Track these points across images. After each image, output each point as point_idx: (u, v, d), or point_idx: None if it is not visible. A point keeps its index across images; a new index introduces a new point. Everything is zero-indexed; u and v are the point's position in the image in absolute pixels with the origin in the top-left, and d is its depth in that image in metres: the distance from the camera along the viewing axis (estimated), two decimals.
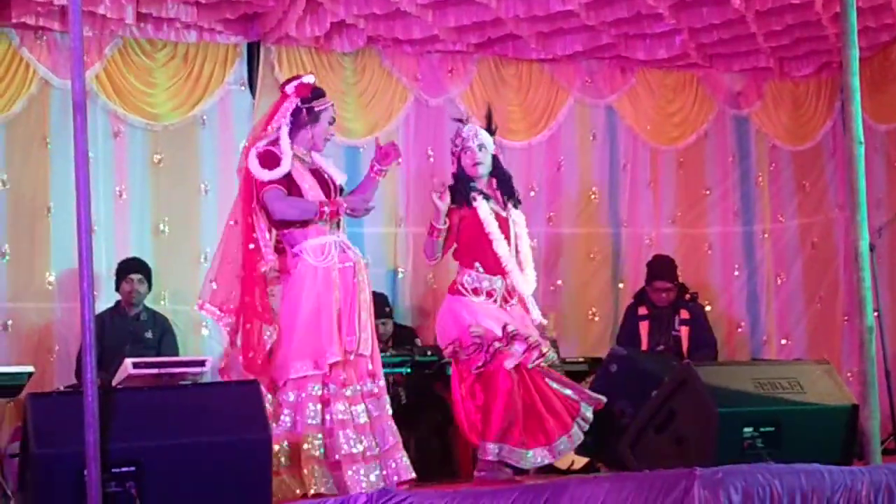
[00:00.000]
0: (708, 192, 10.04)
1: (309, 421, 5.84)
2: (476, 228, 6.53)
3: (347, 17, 8.41)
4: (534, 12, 8.46)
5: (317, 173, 6.16)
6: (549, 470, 7.74)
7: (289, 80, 6.31)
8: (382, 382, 6.14)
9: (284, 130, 6.06)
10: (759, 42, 9.19)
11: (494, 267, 6.51)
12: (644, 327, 8.78)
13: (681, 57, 9.45)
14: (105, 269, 8.14)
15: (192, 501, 4.89)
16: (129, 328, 8.03)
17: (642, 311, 8.84)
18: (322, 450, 5.83)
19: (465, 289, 6.50)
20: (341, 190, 6.34)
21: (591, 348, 9.20)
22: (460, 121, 6.85)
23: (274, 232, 6.14)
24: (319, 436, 5.84)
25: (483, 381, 6.35)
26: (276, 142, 6.04)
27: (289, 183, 6.02)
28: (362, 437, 5.88)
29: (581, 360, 8.68)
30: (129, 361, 7.20)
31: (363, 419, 5.93)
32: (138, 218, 8.50)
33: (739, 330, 9.96)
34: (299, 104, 6.11)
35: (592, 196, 9.70)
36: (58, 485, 4.68)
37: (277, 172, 5.96)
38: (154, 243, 8.51)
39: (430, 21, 8.54)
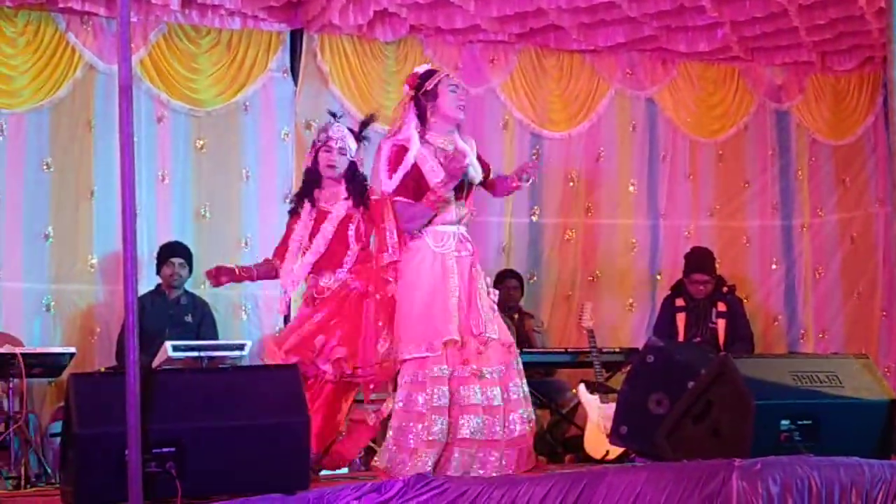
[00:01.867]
0: (747, 186, 10.01)
1: (435, 403, 5.85)
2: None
3: (390, 5, 8.45)
4: (576, 3, 8.47)
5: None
6: (583, 459, 7.78)
7: None
8: (518, 366, 6.14)
9: (410, 125, 6.06)
10: (801, 36, 9.16)
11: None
12: (681, 319, 8.77)
13: (722, 50, 9.44)
14: (146, 252, 8.21)
15: (231, 483, 4.92)
16: (170, 311, 8.10)
17: (679, 302, 8.83)
18: (440, 432, 5.85)
19: None
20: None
21: (628, 339, 9.24)
22: (333, 115, 6.72)
23: None
24: (438, 418, 5.85)
25: None
26: (405, 139, 6.06)
27: (416, 174, 5.98)
28: (486, 421, 5.90)
29: (617, 350, 8.69)
30: (169, 344, 7.26)
31: (497, 402, 5.94)
32: (180, 202, 8.57)
33: (776, 324, 9.94)
34: (414, 94, 6.13)
35: (631, 187, 9.70)
36: (99, 464, 4.71)
37: (395, 179, 5.96)
38: (195, 228, 8.59)
39: (473, 11, 8.56)
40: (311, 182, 6.63)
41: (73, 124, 8.37)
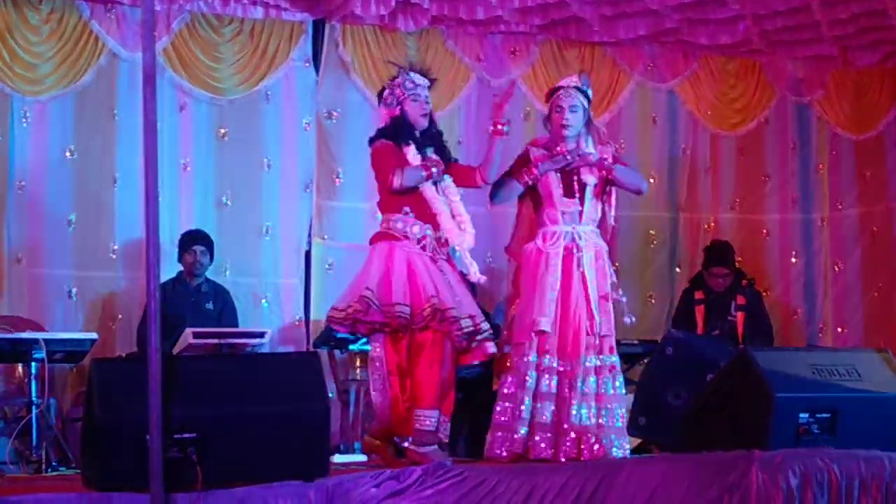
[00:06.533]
0: (767, 179, 10.00)
1: (520, 387, 6.12)
2: None
3: None
4: None
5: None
6: None
7: None
8: (615, 360, 6.33)
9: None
10: (822, 30, 9.13)
11: (424, 213, 6.30)
12: (700, 312, 8.78)
13: (744, 43, 9.41)
14: (168, 239, 8.23)
15: (251, 469, 4.95)
16: (191, 299, 8.13)
17: (699, 295, 8.85)
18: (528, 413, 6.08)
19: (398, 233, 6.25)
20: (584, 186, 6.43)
21: (648, 331, 9.19)
22: (401, 68, 6.48)
23: None
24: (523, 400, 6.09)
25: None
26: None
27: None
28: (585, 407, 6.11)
29: (636, 342, 8.68)
30: (189, 331, 7.30)
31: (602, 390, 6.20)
32: (202, 190, 8.60)
33: (795, 317, 9.93)
34: None
35: (651, 180, 9.68)
36: (120, 449, 4.75)
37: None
38: (217, 215, 8.61)
39: (494, 2, 8.57)
40: (408, 135, 6.37)
41: (96, 112, 8.41)
